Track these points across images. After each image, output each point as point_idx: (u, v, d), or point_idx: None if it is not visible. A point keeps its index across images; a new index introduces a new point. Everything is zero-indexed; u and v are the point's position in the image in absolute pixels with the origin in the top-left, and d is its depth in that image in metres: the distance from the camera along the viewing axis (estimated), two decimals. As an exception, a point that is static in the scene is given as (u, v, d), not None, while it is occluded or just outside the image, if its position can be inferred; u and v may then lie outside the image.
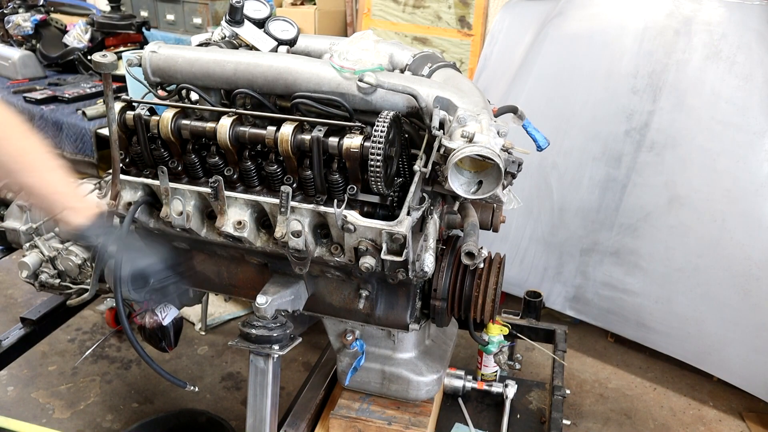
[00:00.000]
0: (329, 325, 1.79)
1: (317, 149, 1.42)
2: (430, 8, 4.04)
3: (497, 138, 1.34)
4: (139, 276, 1.55)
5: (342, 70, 1.50)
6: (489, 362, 2.22)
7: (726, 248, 2.38)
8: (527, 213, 2.80)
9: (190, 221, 1.54)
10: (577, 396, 2.66)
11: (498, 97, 2.76)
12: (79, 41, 4.00)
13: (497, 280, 1.64)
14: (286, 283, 1.65)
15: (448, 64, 1.72)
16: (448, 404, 2.16)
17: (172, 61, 1.59)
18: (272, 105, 1.59)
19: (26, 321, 2.25)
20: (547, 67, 2.71)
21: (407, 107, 1.50)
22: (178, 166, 1.57)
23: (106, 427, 2.42)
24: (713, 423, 2.55)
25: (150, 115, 1.57)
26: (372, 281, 1.61)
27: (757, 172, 2.31)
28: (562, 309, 2.85)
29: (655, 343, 2.64)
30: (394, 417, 1.83)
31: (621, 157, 2.57)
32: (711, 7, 2.40)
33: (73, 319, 2.74)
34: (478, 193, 1.37)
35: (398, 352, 1.79)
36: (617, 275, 2.65)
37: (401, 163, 1.53)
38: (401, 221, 1.37)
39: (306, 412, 1.91)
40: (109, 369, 2.72)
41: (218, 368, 2.75)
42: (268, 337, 1.54)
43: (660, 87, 2.46)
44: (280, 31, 1.76)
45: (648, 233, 2.55)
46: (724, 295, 2.40)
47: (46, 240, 1.93)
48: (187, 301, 2.00)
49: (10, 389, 2.59)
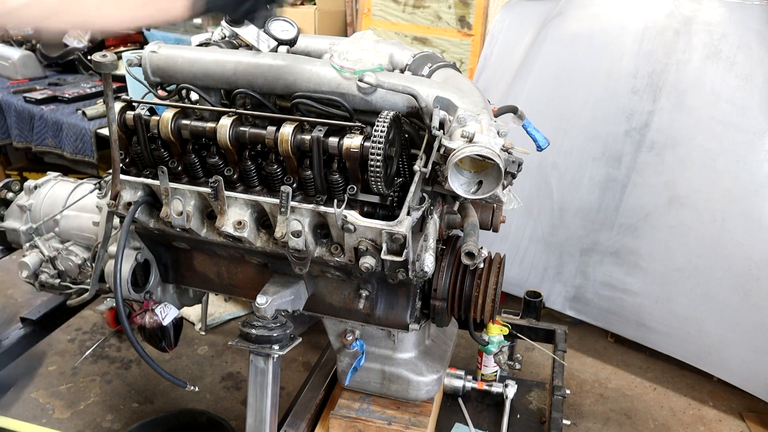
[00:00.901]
0: (329, 325, 1.79)
1: (317, 149, 1.42)
2: (430, 8, 4.04)
3: (497, 138, 1.34)
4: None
5: (342, 70, 1.50)
6: (489, 362, 2.22)
7: (726, 248, 2.38)
8: (527, 213, 2.80)
9: (190, 221, 1.54)
10: (577, 396, 2.66)
11: (498, 97, 2.76)
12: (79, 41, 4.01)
13: (497, 280, 1.64)
14: (286, 283, 1.65)
15: (448, 64, 1.72)
16: (448, 404, 2.16)
17: (172, 61, 1.59)
18: (272, 105, 1.59)
19: (26, 321, 2.25)
20: (547, 67, 2.71)
21: (407, 107, 1.50)
22: (178, 166, 1.57)
23: (106, 427, 2.42)
24: (713, 423, 2.55)
25: (150, 115, 1.57)
26: (372, 281, 1.61)
27: (757, 172, 2.31)
28: (562, 309, 2.85)
29: (655, 343, 2.64)
30: (394, 417, 1.83)
31: (621, 157, 2.57)
32: (711, 7, 2.40)
33: (73, 319, 2.74)
34: (478, 193, 1.36)
35: (398, 352, 1.79)
36: (617, 275, 2.65)
37: (401, 163, 1.53)
38: (401, 221, 1.37)
39: (306, 412, 1.91)
40: (109, 369, 2.72)
41: (218, 368, 2.75)
42: (268, 337, 1.54)
43: (660, 87, 2.46)
44: (280, 31, 1.76)
45: (648, 233, 2.55)
46: (724, 295, 2.40)
47: (46, 240, 1.93)
48: (187, 301, 2.00)
49: (10, 389, 2.59)
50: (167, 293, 1.89)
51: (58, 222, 1.94)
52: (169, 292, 1.89)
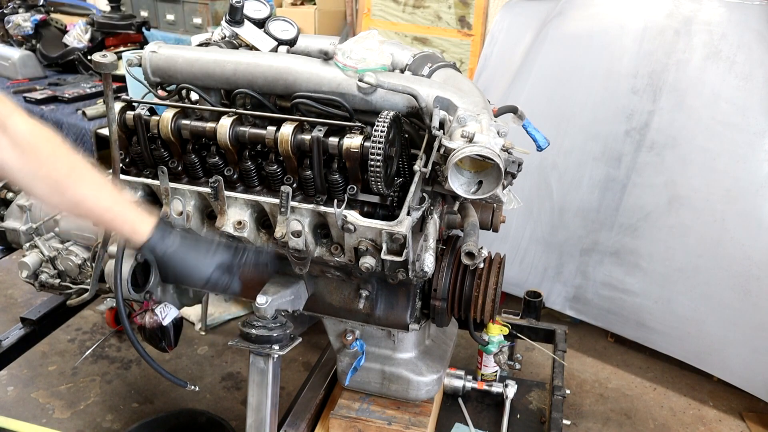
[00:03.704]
0: (329, 325, 1.79)
1: (317, 149, 1.42)
2: (430, 8, 4.04)
3: (497, 138, 1.34)
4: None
5: (345, 69, 1.50)
6: (489, 362, 2.22)
7: (726, 248, 2.38)
8: (527, 213, 2.80)
9: (190, 221, 1.54)
10: (577, 396, 2.66)
11: (498, 97, 2.76)
12: (79, 41, 4.01)
13: (497, 280, 1.64)
14: (286, 283, 1.64)
15: (448, 64, 1.72)
16: (448, 404, 2.16)
17: (172, 61, 1.59)
18: (272, 105, 1.59)
19: (26, 321, 2.25)
20: (547, 67, 2.71)
21: (407, 107, 1.50)
22: (178, 166, 1.57)
23: (106, 427, 2.42)
24: (713, 423, 2.55)
25: (150, 115, 1.57)
26: (372, 281, 1.61)
27: (757, 172, 2.31)
28: (562, 309, 2.85)
29: (655, 343, 2.64)
30: (394, 417, 1.83)
31: (621, 157, 2.57)
32: (711, 7, 2.40)
33: (73, 319, 2.73)
34: (478, 193, 1.37)
35: (398, 352, 1.79)
36: (617, 275, 2.65)
37: (401, 163, 1.53)
38: (401, 221, 1.37)
39: (306, 412, 1.91)
40: (109, 369, 2.72)
41: (218, 368, 2.75)
42: (268, 337, 1.54)
43: (660, 87, 2.46)
44: (280, 31, 1.76)
45: (648, 233, 2.55)
46: (724, 295, 2.40)
47: (46, 240, 1.93)
48: (187, 301, 2.00)
49: (10, 389, 2.59)
50: (167, 293, 1.89)
51: (58, 222, 1.94)
52: (169, 292, 1.89)
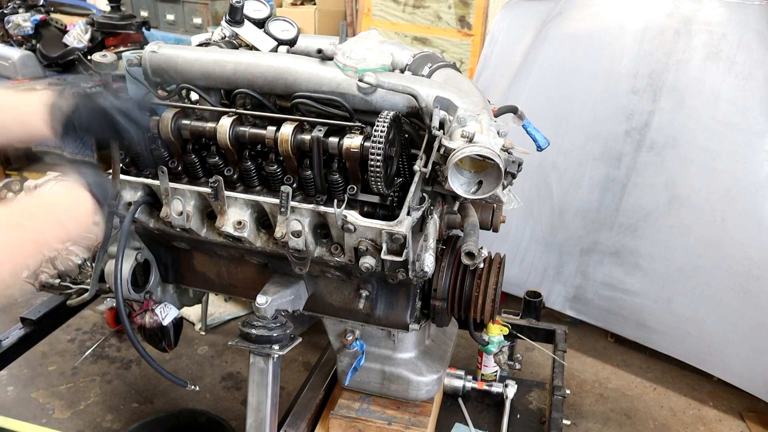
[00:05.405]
0: (329, 325, 1.79)
1: (317, 149, 1.42)
2: (430, 8, 4.05)
3: (497, 138, 1.34)
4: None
5: (345, 68, 1.50)
6: (489, 362, 2.22)
7: (726, 248, 2.38)
8: (527, 213, 2.80)
9: (190, 221, 1.54)
10: (577, 396, 2.66)
11: (498, 97, 2.76)
12: (79, 41, 4.00)
13: (497, 280, 1.64)
14: (286, 283, 1.65)
15: (448, 64, 1.72)
16: (448, 404, 2.16)
17: (172, 61, 1.59)
18: (272, 105, 1.59)
19: (26, 321, 2.25)
20: (547, 67, 2.71)
21: (407, 107, 1.50)
22: (178, 166, 1.57)
23: (106, 427, 2.42)
24: (713, 423, 2.55)
25: (150, 115, 1.57)
26: (372, 281, 1.61)
27: (757, 172, 2.31)
28: (562, 309, 2.85)
29: (655, 343, 2.64)
30: (394, 417, 1.83)
31: (621, 157, 2.57)
32: (711, 7, 2.40)
33: (73, 319, 2.73)
34: (478, 193, 1.37)
35: (398, 352, 1.79)
36: (617, 275, 2.65)
37: (401, 163, 1.53)
38: (401, 221, 1.37)
39: (306, 412, 1.91)
40: (109, 369, 2.72)
41: (218, 368, 2.75)
42: (268, 337, 1.54)
43: (660, 87, 2.46)
44: (280, 31, 1.76)
45: (648, 233, 2.55)
46: (724, 295, 2.40)
47: (46, 240, 1.92)
48: (187, 301, 2.00)
49: (10, 389, 2.59)
50: (167, 293, 1.89)
51: (58, 222, 1.93)
52: (169, 292, 1.89)
